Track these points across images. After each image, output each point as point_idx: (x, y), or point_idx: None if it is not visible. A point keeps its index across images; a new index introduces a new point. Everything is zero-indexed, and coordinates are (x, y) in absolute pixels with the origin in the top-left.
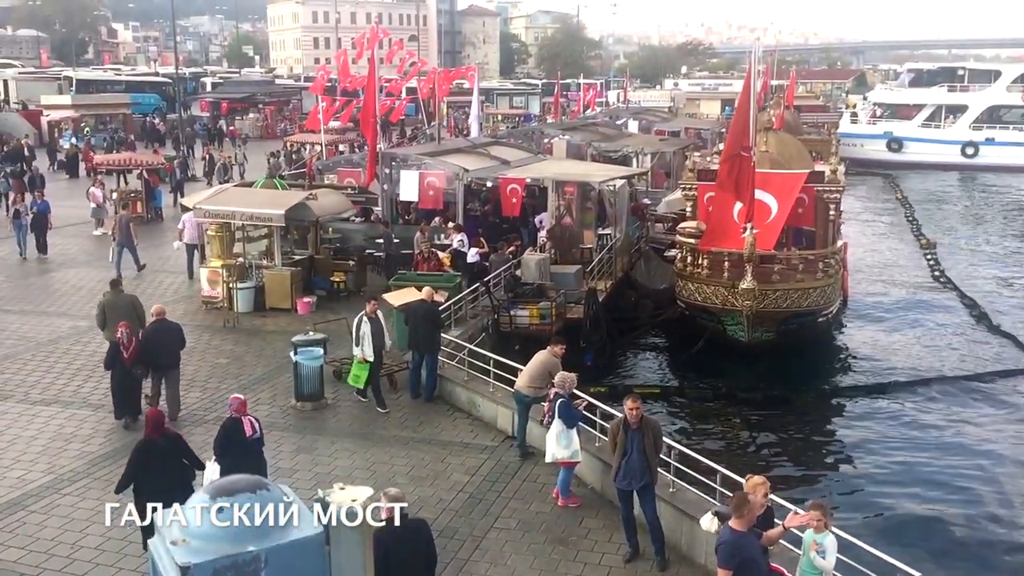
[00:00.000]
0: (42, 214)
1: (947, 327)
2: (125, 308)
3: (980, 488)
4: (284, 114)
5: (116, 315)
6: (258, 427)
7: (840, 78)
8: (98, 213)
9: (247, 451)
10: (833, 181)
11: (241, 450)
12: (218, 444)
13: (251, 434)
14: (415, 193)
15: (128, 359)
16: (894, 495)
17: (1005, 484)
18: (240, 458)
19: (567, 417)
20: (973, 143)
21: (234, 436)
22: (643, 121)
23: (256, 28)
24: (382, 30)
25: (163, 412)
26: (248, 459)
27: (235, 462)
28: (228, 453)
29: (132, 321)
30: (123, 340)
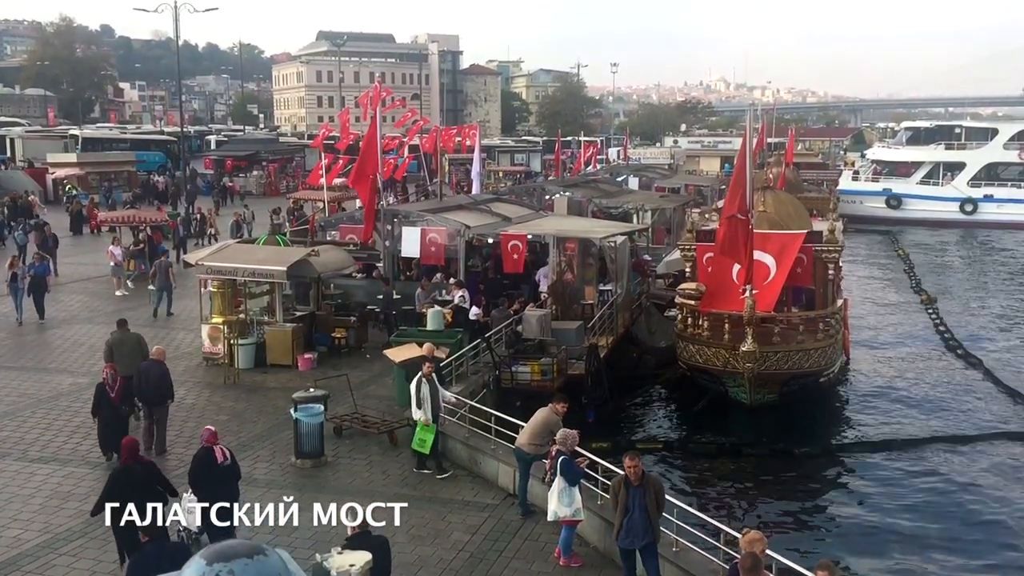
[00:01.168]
0: (40, 277)
1: (950, 385)
2: (131, 346)
3: (983, 550)
4: (287, 171)
5: (122, 352)
6: (229, 455)
7: (838, 136)
8: (117, 272)
9: (219, 478)
10: (832, 240)
11: (214, 477)
12: (192, 474)
13: (222, 461)
14: (417, 249)
15: (115, 397)
16: (896, 555)
17: (1008, 547)
18: (214, 484)
19: (569, 475)
20: (972, 200)
21: (207, 464)
22: (643, 178)
23: (261, 87)
24: (385, 89)
25: (138, 441)
26: (221, 486)
27: (210, 489)
28: (202, 480)
29: (137, 359)
30: (108, 380)
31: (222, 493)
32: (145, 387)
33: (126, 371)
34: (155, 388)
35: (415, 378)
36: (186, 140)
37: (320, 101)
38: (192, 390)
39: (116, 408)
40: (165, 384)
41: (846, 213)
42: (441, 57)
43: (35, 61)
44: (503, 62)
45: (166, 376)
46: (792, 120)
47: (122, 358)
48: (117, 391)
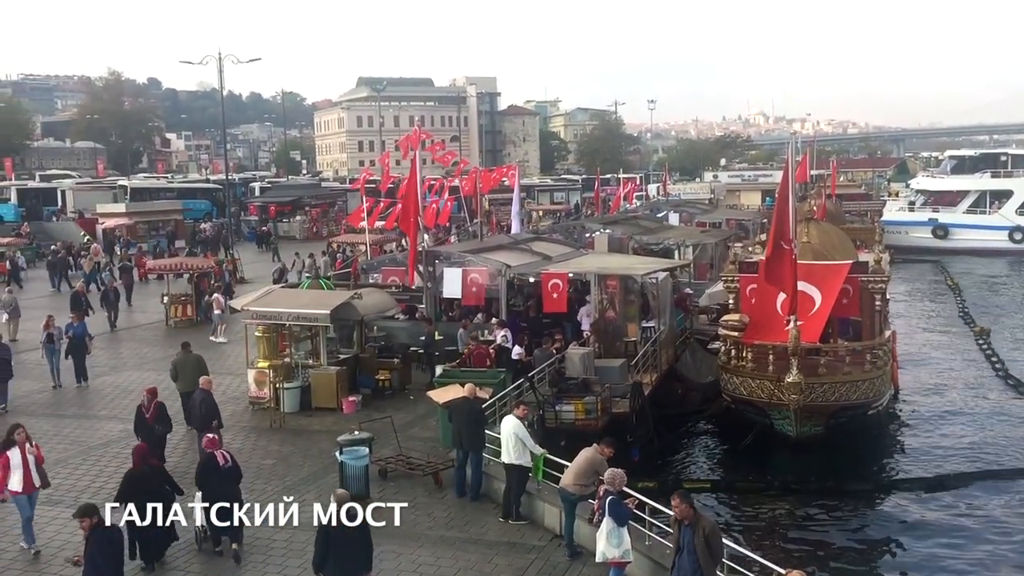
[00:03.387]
0: (79, 338)
1: (1003, 419)
2: (192, 365)
3: None
4: (329, 216)
5: (185, 371)
6: (230, 458)
7: (881, 166)
8: (220, 318)
9: (223, 479)
10: (878, 271)
11: (217, 478)
12: (198, 475)
13: (223, 464)
14: (458, 290)
15: (150, 418)
16: None
17: None
18: (218, 484)
19: (617, 515)
20: (1021, 228)
21: (210, 467)
22: (684, 213)
23: (303, 134)
24: (424, 132)
25: (147, 447)
26: (224, 486)
27: (215, 488)
28: (208, 481)
29: (197, 377)
30: (144, 404)
31: (224, 494)
32: (194, 414)
33: (186, 388)
34: (200, 416)
35: (513, 424)
36: (231, 187)
37: (361, 146)
38: (239, 435)
39: (150, 428)
40: (211, 414)
41: (892, 244)
42: (479, 99)
43: (85, 115)
44: (540, 102)
45: (207, 402)
46: (833, 151)
47: (184, 376)
48: (152, 413)
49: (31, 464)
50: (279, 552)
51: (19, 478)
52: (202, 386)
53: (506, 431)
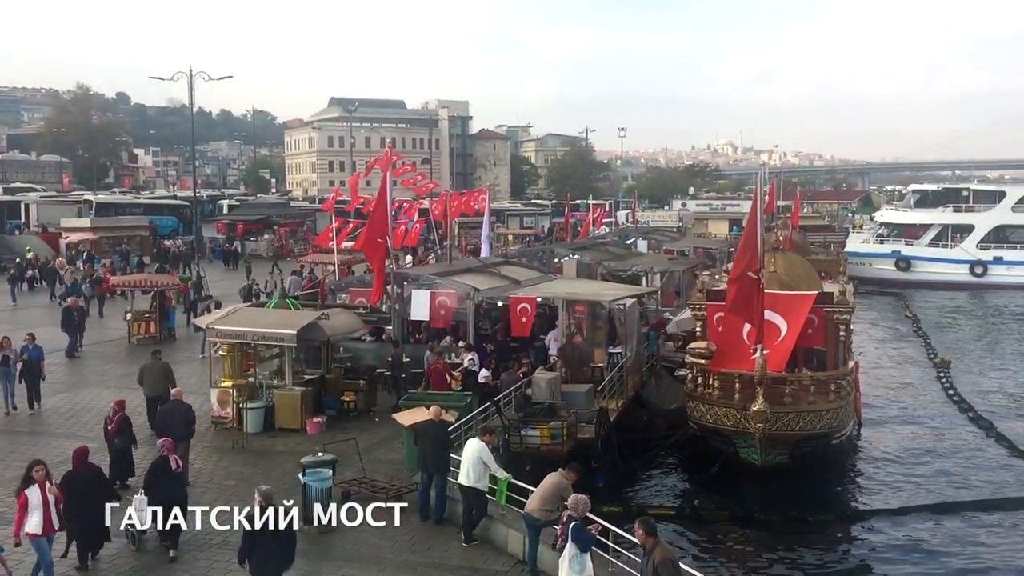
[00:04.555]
0: (34, 362)
1: (963, 449)
2: (158, 372)
3: None
4: (298, 235)
5: (152, 376)
6: (180, 463)
7: (846, 199)
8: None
9: (172, 482)
10: (843, 301)
11: (168, 480)
12: (148, 477)
13: (175, 469)
14: (426, 312)
15: (112, 430)
16: None
17: None
18: (167, 486)
19: (580, 541)
20: (982, 262)
21: (163, 470)
22: (652, 240)
23: (273, 152)
24: (395, 153)
25: (88, 449)
26: (172, 489)
27: (164, 490)
28: (157, 483)
29: (162, 384)
30: (110, 416)
31: (172, 496)
32: (164, 421)
33: (151, 392)
34: (173, 425)
35: (477, 447)
36: (199, 205)
37: (331, 166)
38: (200, 454)
39: (110, 440)
40: (182, 423)
41: (855, 275)
42: (451, 122)
43: (51, 128)
44: (512, 127)
45: (185, 416)
46: (800, 183)
47: (149, 381)
48: (114, 425)
49: (51, 504)
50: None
51: (38, 520)
52: (176, 396)
53: (469, 454)
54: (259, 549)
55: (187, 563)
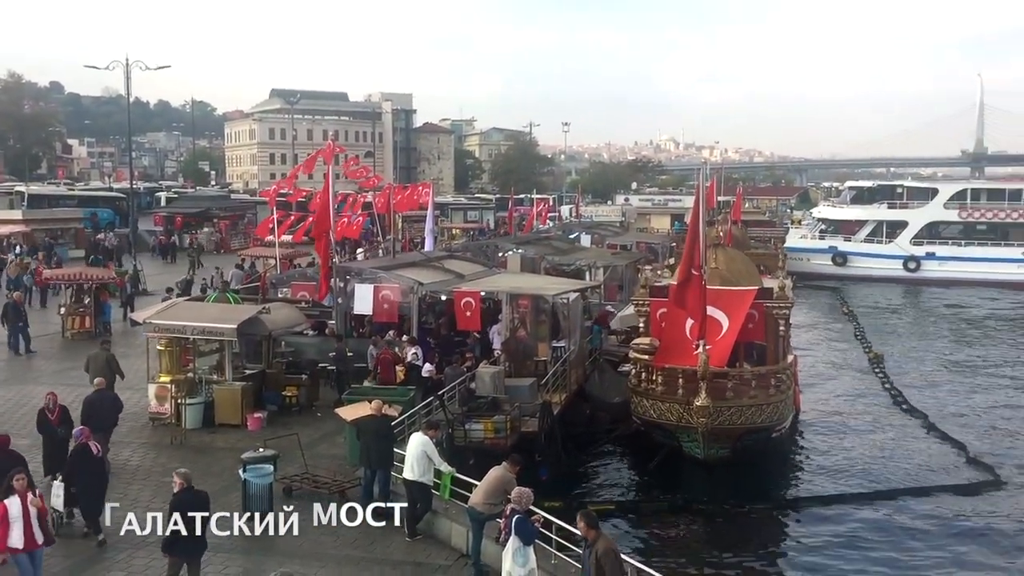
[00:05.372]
0: None
1: (898, 439)
2: (102, 362)
3: None
4: (239, 228)
5: (96, 366)
6: (100, 449)
7: (785, 195)
8: None
9: (94, 469)
10: (782, 296)
11: (89, 468)
12: (69, 465)
13: (96, 454)
14: (369, 307)
15: (55, 420)
16: None
17: None
18: (89, 474)
19: (524, 534)
20: (915, 258)
21: (84, 457)
22: (595, 235)
23: (213, 144)
24: (338, 146)
25: (8, 436)
26: (94, 476)
27: (86, 477)
28: (79, 471)
29: (106, 373)
30: (48, 406)
31: (95, 482)
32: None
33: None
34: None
35: (421, 441)
36: (136, 197)
37: (273, 158)
38: (137, 451)
39: (54, 430)
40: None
41: (794, 270)
42: (394, 115)
43: None
44: (456, 121)
45: (113, 405)
46: (740, 179)
47: (95, 370)
48: (56, 416)
49: (32, 516)
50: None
51: (19, 533)
52: (99, 386)
53: (413, 447)
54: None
55: (123, 561)
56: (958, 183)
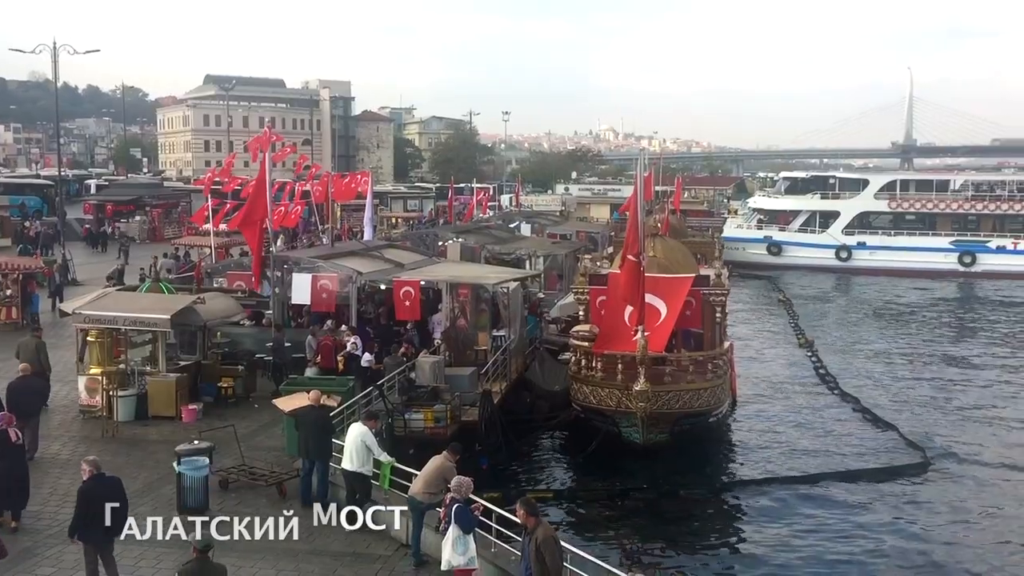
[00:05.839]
0: None
1: (830, 422)
2: (32, 349)
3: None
4: (172, 217)
5: (25, 353)
6: (21, 436)
7: (722, 185)
8: None
9: (12, 456)
10: (718, 284)
11: (7, 454)
12: None
13: (15, 440)
14: (308, 296)
15: None
16: None
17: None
18: (7, 459)
19: (464, 522)
20: (846, 247)
21: (2, 443)
22: (535, 224)
23: (145, 131)
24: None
25: None
26: (14, 463)
27: (4, 463)
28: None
29: (35, 360)
30: None
31: (14, 469)
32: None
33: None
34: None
35: (360, 431)
36: (64, 184)
37: (207, 145)
38: (67, 445)
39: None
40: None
41: (730, 259)
42: (333, 103)
43: None
44: (396, 109)
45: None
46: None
47: (24, 357)
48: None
49: None
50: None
51: None
52: (23, 371)
53: (352, 438)
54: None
55: (53, 557)
56: (888, 174)
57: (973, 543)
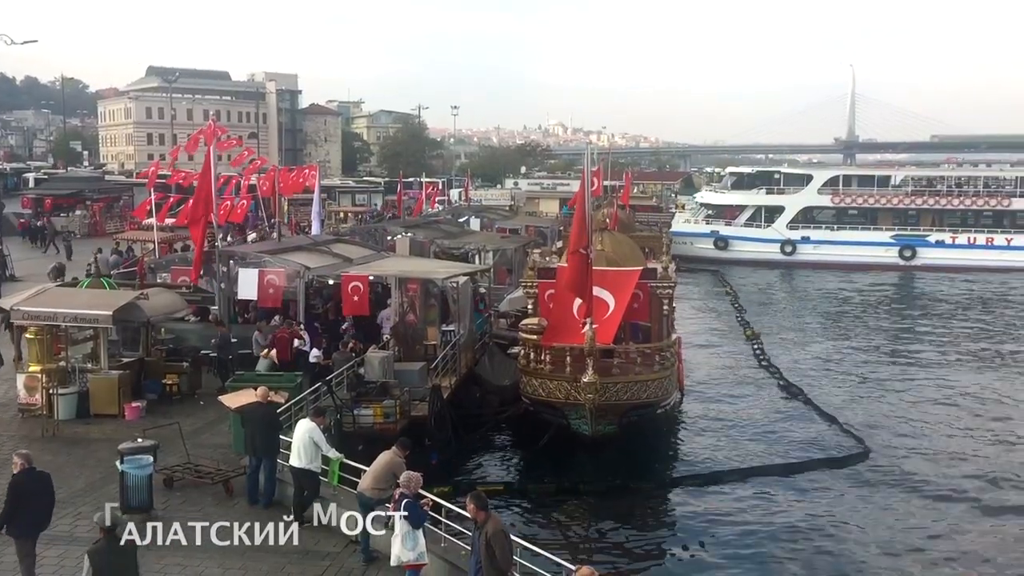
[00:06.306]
0: None
1: (775, 414)
2: None
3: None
4: (114, 211)
5: None
6: None
7: (669, 180)
8: None
9: None
10: (665, 277)
11: None
12: None
13: None
14: (254, 291)
15: None
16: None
17: (830, 566)
18: None
19: (413, 518)
20: (791, 241)
21: None
22: (485, 219)
23: (85, 123)
24: (220, 127)
25: None
26: None
27: None
28: None
29: None
30: None
31: None
32: None
33: None
34: None
35: (308, 427)
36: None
37: (150, 139)
38: (6, 444)
39: None
40: None
41: (678, 253)
42: (279, 96)
43: None
44: (343, 102)
45: None
46: (626, 164)
47: None
48: None
49: None
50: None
51: None
52: None
53: (299, 434)
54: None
55: None
56: (831, 169)
57: (912, 530)
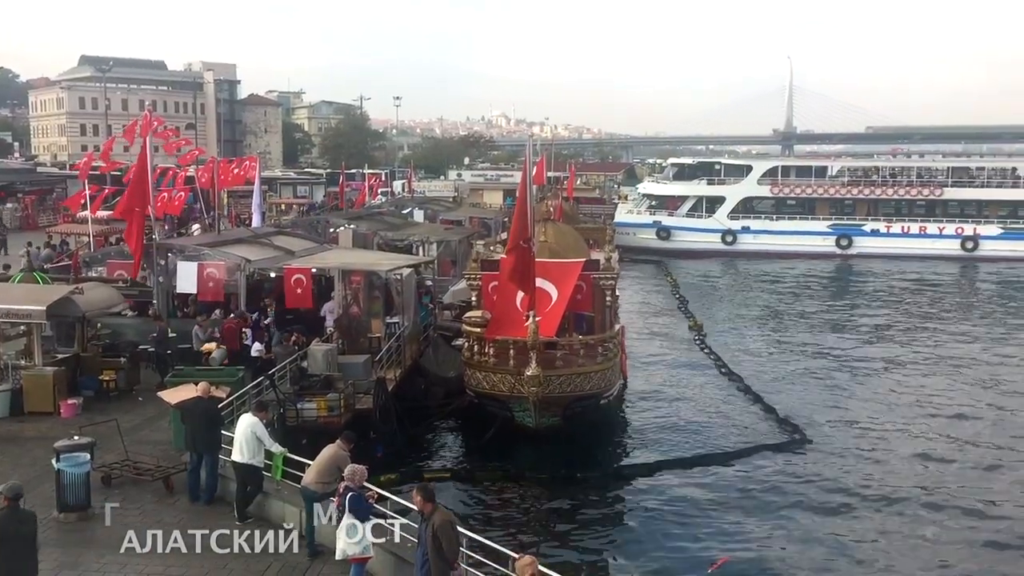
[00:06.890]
0: None
1: (717, 403)
2: None
3: (752, 559)
4: (47, 203)
5: None
6: None
7: (612, 171)
8: None
9: None
10: (608, 268)
11: None
12: None
13: None
14: (194, 285)
15: None
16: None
17: (772, 553)
18: None
19: (358, 511)
20: (731, 231)
21: None
22: (428, 210)
23: (16, 114)
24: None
25: None
26: None
27: None
28: None
29: None
30: None
31: None
32: None
33: None
34: None
35: (250, 422)
36: None
37: (84, 129)
38: None
39: None
40: None
41: (622, 244)
42: (217, 86)
43: None
44: (284, 93)
45: None
46: (570, 155)
47: None
48: None
49: None
50: None
51: None
52: None
53: (241, 429)
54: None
55: None
56: (770, 160)
57: (852, 516)
